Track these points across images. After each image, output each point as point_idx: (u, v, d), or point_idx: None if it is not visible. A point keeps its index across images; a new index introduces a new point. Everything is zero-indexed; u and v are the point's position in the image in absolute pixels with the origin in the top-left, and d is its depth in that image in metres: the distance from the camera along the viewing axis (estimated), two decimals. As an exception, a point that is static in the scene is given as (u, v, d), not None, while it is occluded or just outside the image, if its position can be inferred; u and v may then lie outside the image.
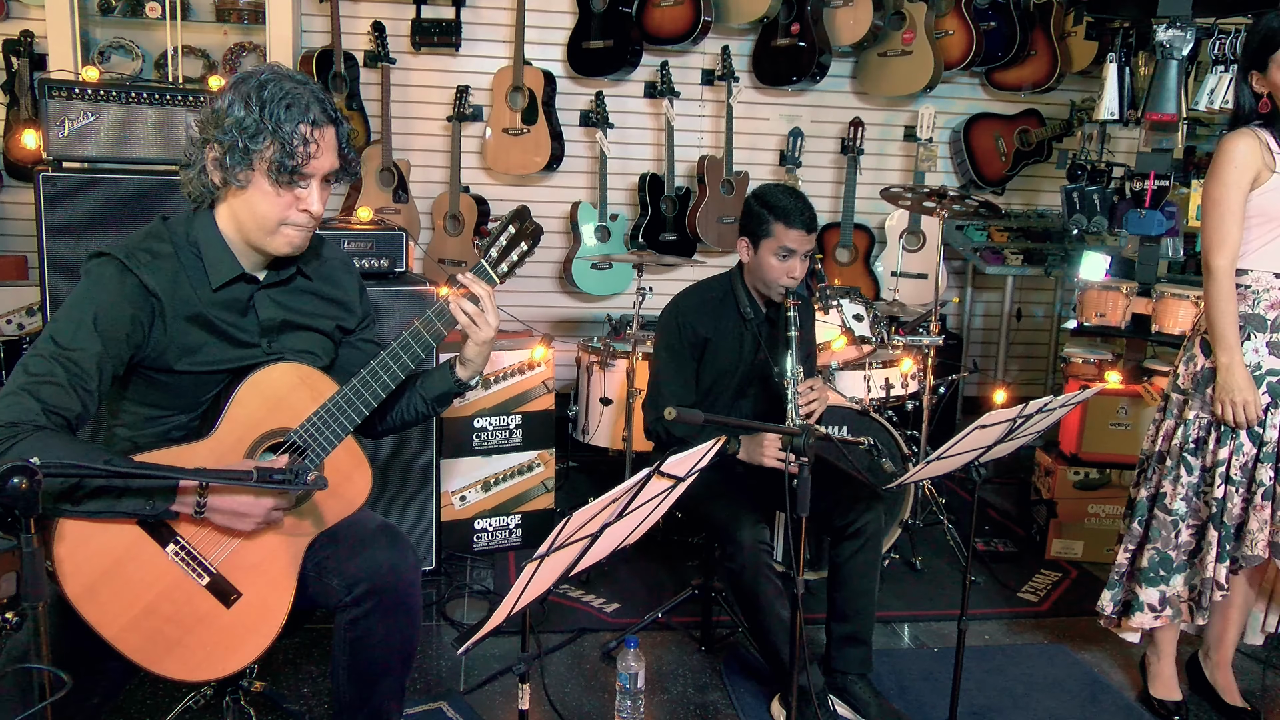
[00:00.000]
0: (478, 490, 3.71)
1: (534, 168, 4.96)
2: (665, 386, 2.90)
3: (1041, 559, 3.91)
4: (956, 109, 5.47)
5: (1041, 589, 3.65)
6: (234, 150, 1.79)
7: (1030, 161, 5.43)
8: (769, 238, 2.79)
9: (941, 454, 2.20)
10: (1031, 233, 5.41)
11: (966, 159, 5.42)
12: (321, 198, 1.88)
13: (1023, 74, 5.29)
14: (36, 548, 1.35)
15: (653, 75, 5.15)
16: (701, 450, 1.83)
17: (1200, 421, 2.62)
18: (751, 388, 3.00)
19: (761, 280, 2.85)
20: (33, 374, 1.70)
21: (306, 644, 2.97)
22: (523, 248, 2.05)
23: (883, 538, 2.81)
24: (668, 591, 3.41)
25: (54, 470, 1.49)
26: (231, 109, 1.79)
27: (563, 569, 1.72)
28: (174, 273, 1.85)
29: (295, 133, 1.79)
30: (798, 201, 2.81)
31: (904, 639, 3.27)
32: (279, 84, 1.80)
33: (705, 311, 2.91)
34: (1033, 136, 5.38)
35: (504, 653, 3.01)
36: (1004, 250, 5.30)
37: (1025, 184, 5.61)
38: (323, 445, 1.91)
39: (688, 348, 2.89)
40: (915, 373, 3.95)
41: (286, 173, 1.80)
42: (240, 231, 1.89)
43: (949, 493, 4.46)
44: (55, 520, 1.65)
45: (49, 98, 2.86)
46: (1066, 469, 3.88)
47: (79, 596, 1.66)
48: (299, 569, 1.91)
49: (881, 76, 5.18)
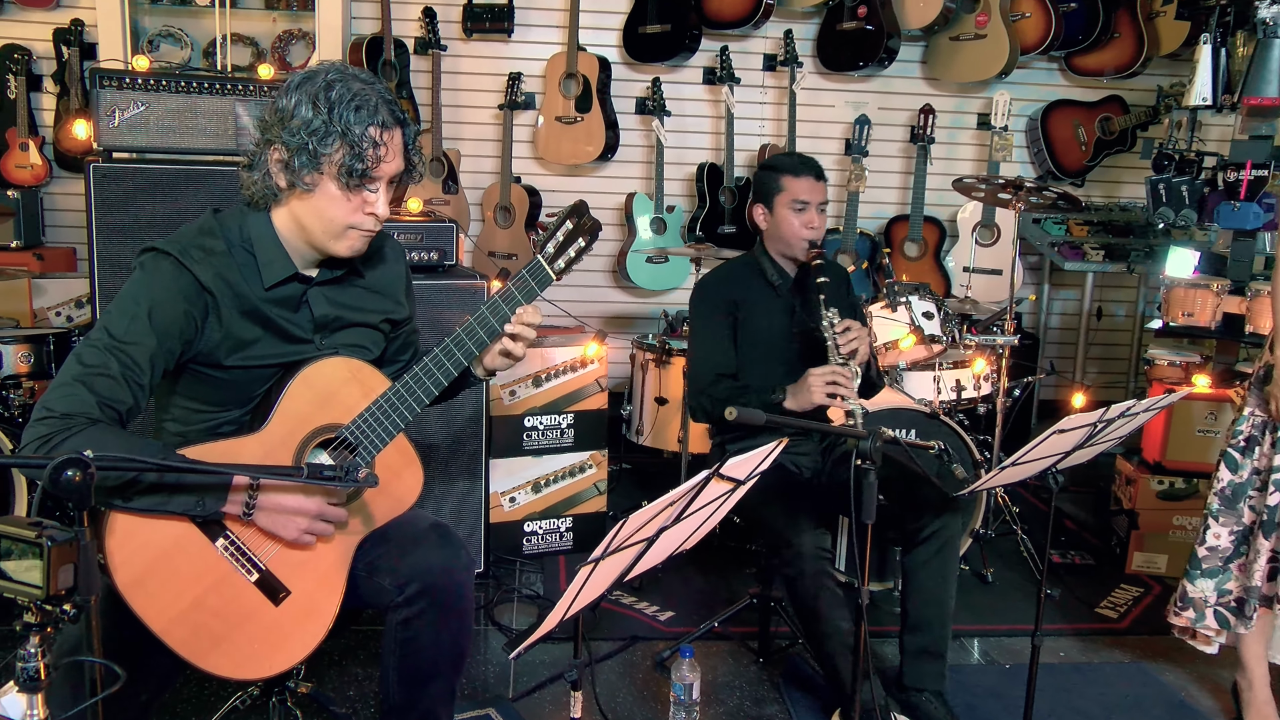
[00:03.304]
0: (527, 491, 3.74)
1: (588, 157, 4.99)
2: (703, 356, 2.94)
3: (1121, 573, 3.84)
4: (1033, 95, 5.39)
5: (1121, 605, 3.59)
6: (301, 152, 1.82)
7: (1112, 151, 5.33)
8: (781, 192, 2.90)
9: (1016, 460, 2.18)
10: (1113, 227, 5.31)
11: (1044, 148, 5.33)
12: (386, 200, 1.92)
13: (1105, 58, 5.19)
14: (90, 540, 1.38)
15: (712, 61, 5.15)
16: (763, 453, 1.83)
17: (1255, 420, 2.58)
18: (791, 355, 2.99)
19: (783, 240, 2.92)
20: (87, 365, 1.75)
21: (353, 646, 3.02)
22: (580, 244, 2.06)
23: (959, 543, 2.77)
24: (723, 600, 3.41)
25: (107, 464, 1.53)
26: (298, 110, 1.82)
27: (617, 574, 1.73)
28: (227, 269, 1.89)
29: (365, 135, 1.82)
30: (800, 156, 2.96)
31: (973, 654, 3.24)
32: (346, 84, 1.83)
33: (733, 281, 2.99)
34: (1115, 124, 5.28)
35: (553, 659, 3.03)
36: (1083, 245, 5.20)
37: (1107, 175, 5.52)
38: (374, 442, 1.94)
39: (720, 313, 2.94)
40: (988, 374, 3.90)
41: (356, 176, 1.84)
42: (302, 233, 1.92)
43: (1023, 501, 4.40)
44: (107, 513, 1.70)
45: (100, 87, 2.94)
46: (1149, 478, 3.80)
47: (128, 587, 1.71)
48: (349, 568, 1.95)
49: (954, 61, 5.12)
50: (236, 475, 1.75)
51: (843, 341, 2.73)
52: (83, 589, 1.36)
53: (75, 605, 1.33)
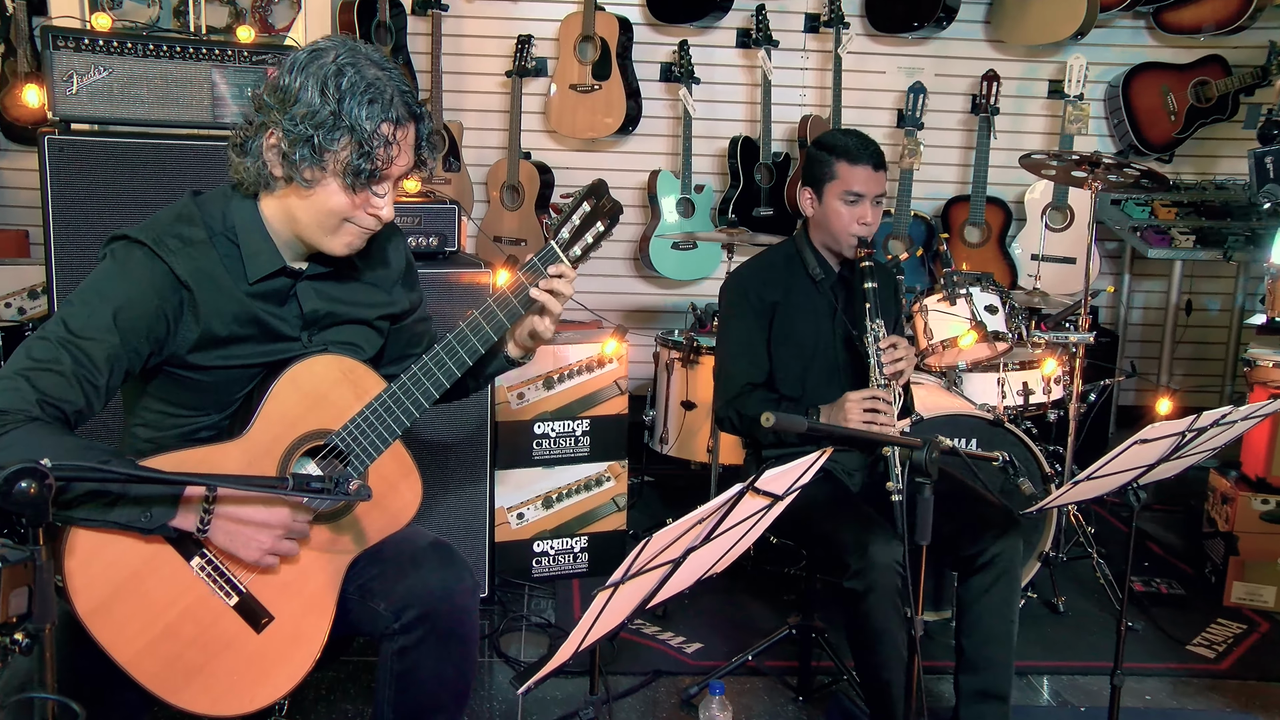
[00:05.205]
0: (537, 507, 3.76)
1: (606, 130, 5.00)
2: (732, 363, 2.96)
3: (1219, 606, 3.81)
4: (1114, 58, 5.36)
5: (1220, 642, 3.55)
6: (302, 144, 1.82)
7: (1208, 120, 5.27)
8: (833, 180, 2.86)
9: (1091, 474, 2.17)
10: (1207, 208, 5.26)
11: (1126, 119, 5.29)
12: (393, 200, 1.93)
13: (1203, 11, 5.14)
14: (47, 561, 1.38)
15: (746, 21, 5.15)
16: (804, 464, 1.84)
17: None
18: (833, 360, 2.99)
19: (830, 233, 2.91)
20: (35, 359, 1.76)
21: (343, 678, 3.04)
22: (599, 228, 2.08)
23: (1020, 571, 2.77)
24: (758, 630, 3.41)
25: (66, 473, 1.52)
26: (303, 95, 1.82)
27: (639, 600, 1.74)
28: (207, 261, 1.90)
29: (377, 133, 1.83)
30: (861, 139, 2.89)
31: (1043, 694, 3.23)
32: (360, 71, 1.83)
33: (770, 277, 2.99)
34: (1213, 89, 5.22)
35: (567, 696, 3.04)
36: (1171, 229, 5.16)
37: (1200, 148, 5.47)
38: (367, 450, 1.96)
39: (755, 315, 2.95)
40: (1060, 376, 3.88)
41: (363, 177, 1.85)
42: (292, 226, 1.94)
43: (1099, 521, 4.38)
44: (66, 530, 1.71)
45: (54, 48, 2.91)
46: (1251, 496, 3.77)
47: (91, 613, 1.72)
48: (339, 591, 1.97)
49: (1022, 21, 5.09)
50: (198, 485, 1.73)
51: (886, 360, 2.75)
52: (37, 616, 1.35)
53: (28, 634, 1.34)
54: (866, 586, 2.55)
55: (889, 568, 2.54)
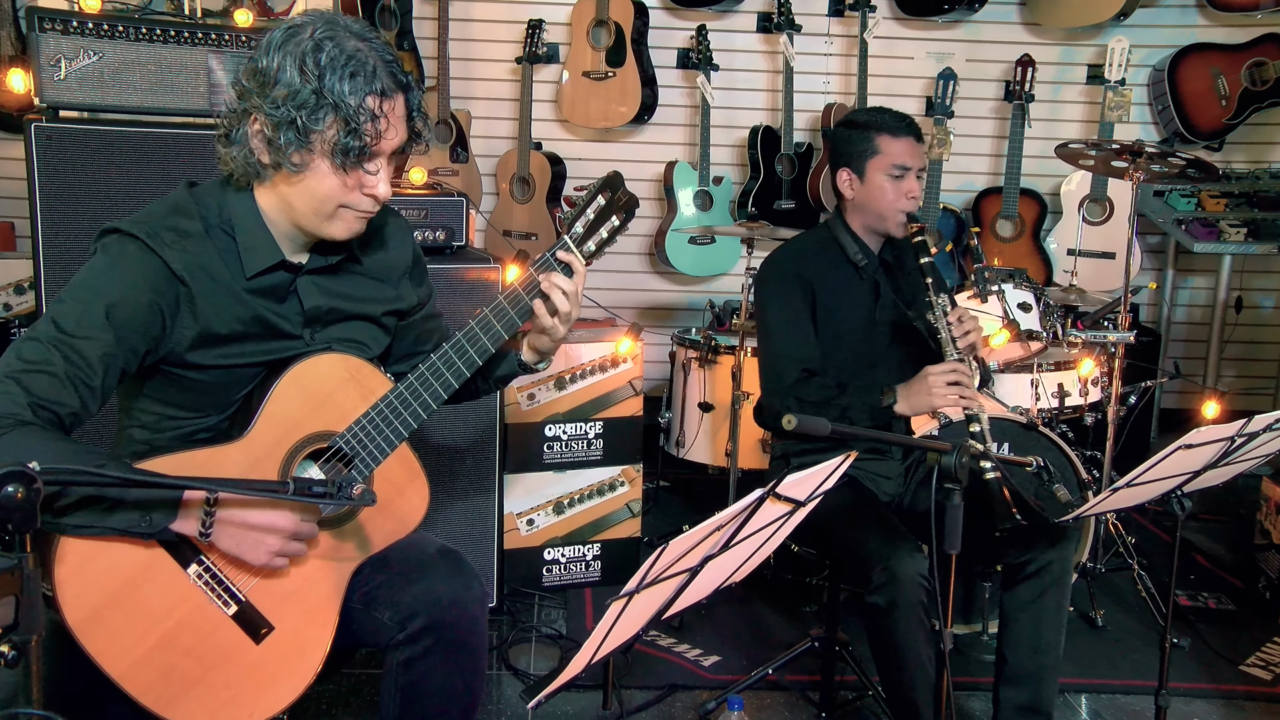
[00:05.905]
0: (548, 513, 3.77)
1: (620, 119, 5.01)
2: (783, 347, 2.90)
3: (1273, 622, 3.78)
4: (1159, 40, 5.33)
5: (1277, 663, 3.52)
6: (285, 127, 1.81)
7: (1263, 105, 5.22)
8: (876, 156, 2.86)
9: (1132, 480, 2.16)
10: (1260, 199, 5.22)
11: (1171, 105, 5.26)
12: (388, 177, 1.93)
13: (1260, -14, 5.10)
14: (35, 569, 1.38)
15: (768, 5, 5.16)
16: (827, 468, 1.84)
17: None
18: (874, 348, 2.99)
19: (874, 213, 2.90)
20: (26, 360, 1.76)
21: (345, 691, 3.06)
22: (614, 223, 2.08)
23: (1070, 580, 2.75)
24: (779, 643, 3.41)
25: (56, 477, 1.52)
26: (281, 75, 1.81)
27: (654, 610, 1.74)
28: (204, 254, 1.90)
29: (362, 107, 1.82)
30: (895, 112, 2.92)
31: (1081, 713, 3.22)
32: (339, 44, 1.82)
33: (808, 261, 2.97)
34: (1270, 71, 5.14)
35: (579, 710, 3.05)
36: (1220, 222, 5.13)
37: (1253, 135, 5.44)
38: (373, 453, 1.97)
39: (799, 293, 2.92)
40: (1097, 378, 3.87)
41: (353, 155, 1.84)
42: (289, 214, 1.94)
43: (1140, 530, 4.36)
44: (55, 537, 1.71)
45: (40, 31, 2.89)
46: (1304, 505, 3.76)
47: (82, 624, 1.72)
48: (342, 600, 1.97)
49: (1060, 2, 5.08)
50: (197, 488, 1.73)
51: (958, 333, 2.73)
52: (24, 627, 1.34)
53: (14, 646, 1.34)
54: (890, 602, 2.53)
55: (913, 581, 2.51)
